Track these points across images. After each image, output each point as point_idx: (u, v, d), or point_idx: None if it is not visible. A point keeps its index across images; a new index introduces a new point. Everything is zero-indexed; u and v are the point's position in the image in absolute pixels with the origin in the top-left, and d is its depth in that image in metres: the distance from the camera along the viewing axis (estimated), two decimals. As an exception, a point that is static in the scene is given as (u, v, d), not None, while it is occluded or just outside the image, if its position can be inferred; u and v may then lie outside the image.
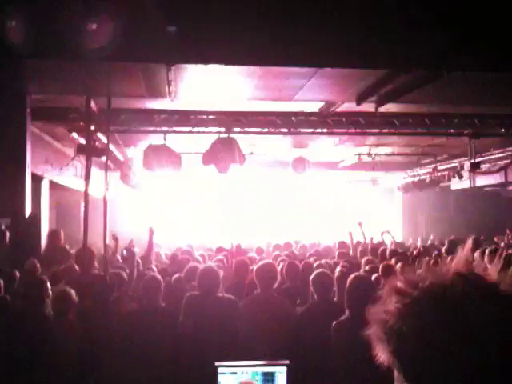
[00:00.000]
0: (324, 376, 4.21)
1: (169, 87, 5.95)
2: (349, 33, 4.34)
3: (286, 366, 3.30)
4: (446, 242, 10.36)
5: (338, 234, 13.22)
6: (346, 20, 4.24)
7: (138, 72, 5.42)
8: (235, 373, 3.28)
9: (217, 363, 3.30)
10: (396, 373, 0.88)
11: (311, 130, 8.69)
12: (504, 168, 13.20)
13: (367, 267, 6.07)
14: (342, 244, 11.06)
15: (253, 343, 4.54)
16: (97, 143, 7.98)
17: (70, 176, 10.37)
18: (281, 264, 6.39)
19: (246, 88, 6.36)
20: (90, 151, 7.22)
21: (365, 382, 3.11)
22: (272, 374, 3.29)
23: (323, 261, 6.99)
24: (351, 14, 4.21)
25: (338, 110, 8.11)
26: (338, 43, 4.45)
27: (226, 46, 4.31)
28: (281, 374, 3.29)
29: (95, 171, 9.28)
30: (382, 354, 0.87)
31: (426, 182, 15.09)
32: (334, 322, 4.19)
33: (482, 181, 14.19)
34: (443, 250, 9.16)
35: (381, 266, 5.95)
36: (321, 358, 4.28)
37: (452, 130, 9.45)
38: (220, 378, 3.25)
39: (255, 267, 5.38)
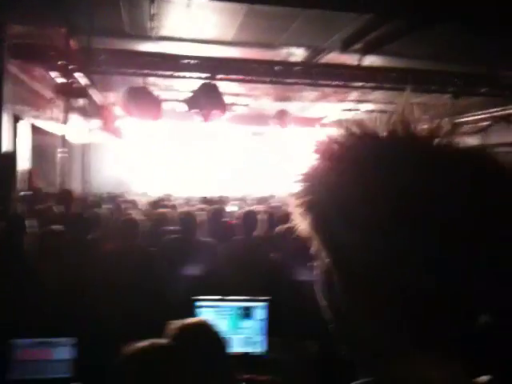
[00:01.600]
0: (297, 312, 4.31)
1: (151, 22, 5.80)
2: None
3: (268, 301, 3.38)
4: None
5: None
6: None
7: (120, 4, 5.27)
8: (213, 307, 3.34)
9: (194, 297, 3.35)
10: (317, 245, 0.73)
11: (294, 80, 8.61)
12: (484, 130, 13.33)
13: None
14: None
15: (232, 283, 4.62)
16: (76, 84, 7.82)
17: (47, 119, 10.17)
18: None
19: (230, 27, 6.24)
20: (68, 91, 7.09)
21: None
22: (250, 308, 3.37)
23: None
24: None
25: (321, 60, 8.04)
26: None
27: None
28: (261, 309, 3.36)
29: (74, 117, 9.18)
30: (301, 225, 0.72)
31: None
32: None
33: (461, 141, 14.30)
34: None
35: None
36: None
37: (434, 88, 9.45)
38: (198, 312, 3.30)
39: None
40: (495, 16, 5.21)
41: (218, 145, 17.02)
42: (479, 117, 12.48)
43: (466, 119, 12.59)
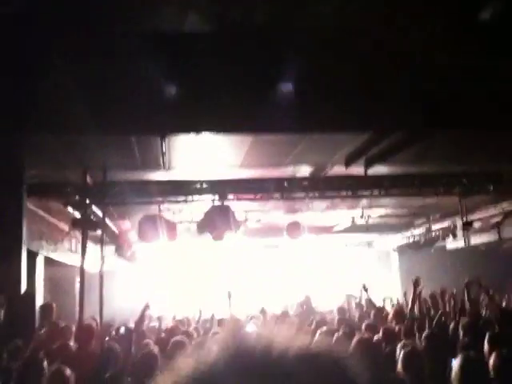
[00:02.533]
0: None
1: (163, 158, 6.09)
2: (333, 99, 4.52)
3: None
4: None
5: (336, 299, 13.10)
6: (331, 88, 4.43)
7: (133, 144, 5.57)
8: None
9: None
10: None
11: (303, 194, 8.81)
12: (497, 225, 13.29)
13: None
14: (341, 310, 10.95)
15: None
16: (92, 216, 8.04)
17: (64, 251, 10.33)
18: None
19: (238, 155, 6.52)
20: (85, 224, 7.27)
21: None
22: None
23: (324, 328, 6.85)
24: (338, 81, 4.41)
25: (328, 174, 8.27)
26: (323, 110, 4.62)
27: (217, 115, 4.47)
28: None
29: (90, 245, 9.30)
30: None
31: (421, 242, 15.13)
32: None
33: (476, 239, 14.24)
34: None
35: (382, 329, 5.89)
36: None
37: (441, 190, 9.59)
38: None
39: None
40: (488, 120, 5.41)
41: (232, 261, 17.06)
42: (491, 213, 12.49)
43: (479, 216, 12.60)
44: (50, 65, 3.99)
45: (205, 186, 8.14)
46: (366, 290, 9.22)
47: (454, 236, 13.60)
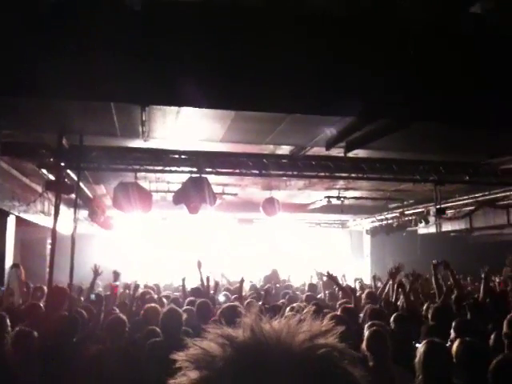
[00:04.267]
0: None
1: (142, 127, 6.01)
2: (319, 81, 4.48)
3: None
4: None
5: (305, 276, 13.28)
6: (317, 68, 4.39)
7: (112, 111, 5.47)
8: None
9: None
10: None
11: (282, 172, 8.81)
12: (469, 214, 13.58)
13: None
14: (311, 286, 11.15)
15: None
16: (66, 180, 7.93)
17: (37, 212, 10.21)
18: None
19: (219, 130, 6.47)
20: (59, 188, 7.18)
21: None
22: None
23: (295, 305, 6.96)
24: (321, 62, 4.37)
25: (308, 153, 8.27)
26: (307, 91, 4.59)
27: (200, 89, 4.40)
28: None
29: (63, 208, 9.22)
30: None
31: (394, 226, 15.38)
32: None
33: (447, 226, 14.54)
34: None
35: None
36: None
37: (418, 177, 9.70)
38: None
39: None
40: (470, 110, 5.45)
41: (206, 232, 17.10)
42: (464, 201, 12.72)
43: (452, 204, 12.83)
44: (28, 23, 3.86)
45: (183, 156, 8.07)
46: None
47: (427, 222, 13.85)
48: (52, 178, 7.99)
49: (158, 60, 4.26)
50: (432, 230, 14.87)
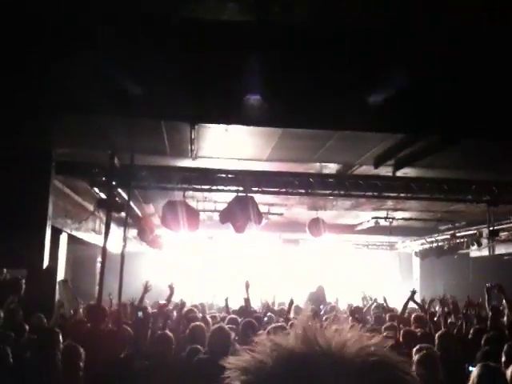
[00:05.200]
0: None
1: (191, 145, 6.11)
2: (367, 97, 4.45)
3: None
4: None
5: (354, 299, 13.00)
6: (365, 84, 4.36)
7: (162, 129, 5.60)
8: None
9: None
10: None
11: (328, 192, 8.74)
12: (525, 237, 13.05)
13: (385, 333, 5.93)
14: (356, 309, 10.90)
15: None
16: (117, 198, 8.13)
17: (88, 230, 10.48)
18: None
19: (266, 148, 6.50)
20: (110, 206, 7.36)
21: None
22: None
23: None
24: (369, 78, 4.34)
25: (355, 172, 8.18)
26: (356, 107, 4.56)
27: (249, 107, 4.44)
28: None
29: (113, 227, 9.44)
30: None
31: (445, 248, 14.94)
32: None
33: (501, 249, 13.99)
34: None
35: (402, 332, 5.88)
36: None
37: (470, 197, 9.41)
38: None
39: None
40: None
41: (251, 251, 17.11)
42: (519, 224, 12.25)
43: (506, 226, 12.37)
44: (80, 45, 4.01)
45: (230, 176, 8.14)
46: (384, 301, 9.16)
47: (479, 245, 13.40)
48: (103, 196, 8.21)
49: (207, 78, 4.34)
50: (485, 252, 14.33)
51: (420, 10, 3.92)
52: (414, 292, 8.39)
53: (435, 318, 8.06)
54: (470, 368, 4.29)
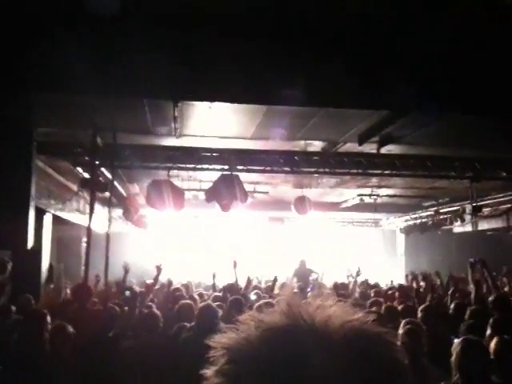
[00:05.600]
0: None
1: (175, 123, 6.05)
2: (350, 74, 4.44)
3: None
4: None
5: (338, 275, 13.14)
6: (349, 62, 4.35)
7: (144, 107, 5.53)
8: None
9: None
10: None
11: (313, 170, 8.76)
12: (506, 212, 13.23)
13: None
14: (342, 285, 11.03)
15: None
16: (100, 178, 8.05)
17: (72, 210, 10.40)
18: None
19: (250, 126, 6.46)
20: (94, 185, 7.29)
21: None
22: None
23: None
24: (353, 55, 4.32)
25: (340, 150, 8.19)
26: (340, 84, 4.55)
27: (232, 84, 4.41)
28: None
29: (98, 207, 9.40)
30: None
31: (428, 224, 15.12)
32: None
33: (484, 224, 14.20)
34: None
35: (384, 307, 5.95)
36: None
37: (453, 173, 9.50)
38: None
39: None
40: (507, 101, 5.30)
41: (237, 230, 17.15)
42: (501, 199, 12.40)
43: (488, 202, 12.52)
44: (61, 26, 3.93)
45: (214, 154, 8.11)
46: (358, 275, 9.29)
47: (462, 220, 13.58)
48: (87, 176, 8.13)
49: (189, 56, 4.28)
50: (468, 228, 14.55)
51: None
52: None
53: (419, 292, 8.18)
54: (455, 340, 4.37)
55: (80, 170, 8.37)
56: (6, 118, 5.78)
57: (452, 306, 6.57)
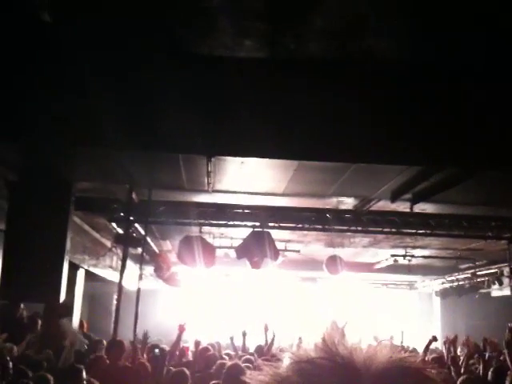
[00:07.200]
0: None
1: (208, 178, 6.17)
2: (383, 129, 4.48)
3: None
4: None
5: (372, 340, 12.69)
6: (381, 116, 4.40)
7: (179, 163, 5.67)
8: None
9: None
10: None
11: (345, 228, 8.69)
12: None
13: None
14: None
15: None
16: (134, 234, 8.17)
17: (105, 266, 10.50)
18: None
19: (282, 181, 6.52)
20: (127, 241, 7.40)
21: None
22: None
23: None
24: (386, 110, 4.38)
25: (372, 208, 8.13)
26: (372, 139, 4.58)
27: (264, 139, 4.49)
28: None
29: (130, 264, 9.48)
30: None
31: (465, 287, 14.65)
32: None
33: (524, 288, 13.65)
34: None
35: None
36: None
37: (490, 234, 9.28)
38: None
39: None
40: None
41: (268, 290, 16.93)
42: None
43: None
44: (100, 82, 4.13)
45: (246, 211, 8.17)
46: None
47: (500, 283, 13.11)
48: (121, 231, 8.26)
49: (223, 111, 4.41)
50: (507, 292, 14.00)
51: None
52: (434, 338, 8.21)
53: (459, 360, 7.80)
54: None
55: (114, 225, 8.52)
56: (46, 171, 5.99)
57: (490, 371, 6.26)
